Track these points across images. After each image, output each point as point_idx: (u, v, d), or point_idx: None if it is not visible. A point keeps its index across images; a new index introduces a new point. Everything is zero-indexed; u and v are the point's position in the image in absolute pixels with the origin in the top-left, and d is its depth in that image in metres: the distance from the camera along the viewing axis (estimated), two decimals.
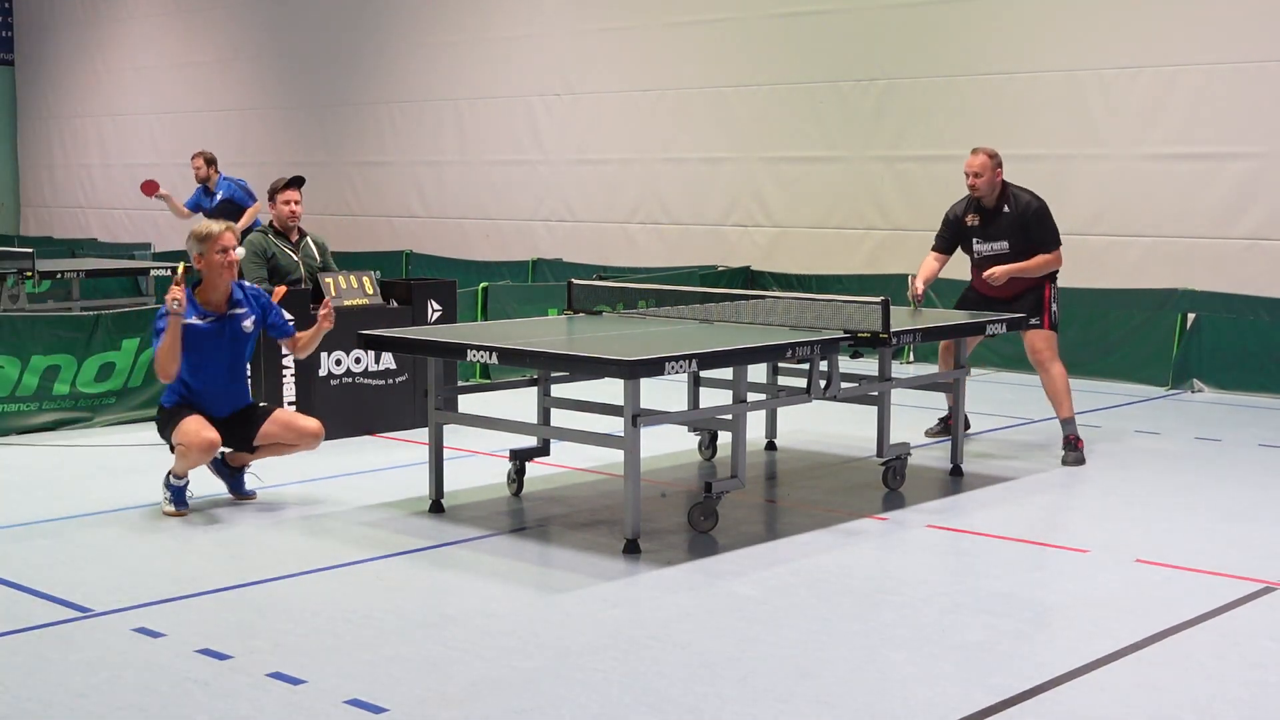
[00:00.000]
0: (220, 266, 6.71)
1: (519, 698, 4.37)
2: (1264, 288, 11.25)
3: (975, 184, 8.25)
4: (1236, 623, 5.21)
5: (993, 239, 8.31)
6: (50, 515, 6.72)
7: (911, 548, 6.29)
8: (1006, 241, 8.26)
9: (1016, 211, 8.26)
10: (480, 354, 6.28)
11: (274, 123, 19.43)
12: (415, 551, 6.11)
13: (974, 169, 8.23)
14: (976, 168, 8.23)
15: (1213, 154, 11.57)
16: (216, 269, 6.72)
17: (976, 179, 8.24)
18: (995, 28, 12.73)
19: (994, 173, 8.23)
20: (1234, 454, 8.39)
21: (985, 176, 8.22)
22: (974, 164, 8.23)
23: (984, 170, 8.21)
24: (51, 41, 23.18)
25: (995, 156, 8.26)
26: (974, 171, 8.24)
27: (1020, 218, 8.25)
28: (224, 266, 6.71)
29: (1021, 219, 8.24)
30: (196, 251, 6.74)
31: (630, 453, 6.00)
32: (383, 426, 8.90)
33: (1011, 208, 8.27)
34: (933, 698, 4.39)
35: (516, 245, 16.69)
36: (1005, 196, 8.30)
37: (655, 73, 15.22)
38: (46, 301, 12.98)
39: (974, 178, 8.24)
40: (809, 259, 14.03)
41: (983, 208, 8.34)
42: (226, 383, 6.82)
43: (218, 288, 6.76)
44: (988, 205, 8.32)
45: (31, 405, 8.75)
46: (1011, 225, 8.25)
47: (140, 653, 4.76)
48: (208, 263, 6.71)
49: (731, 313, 7.75)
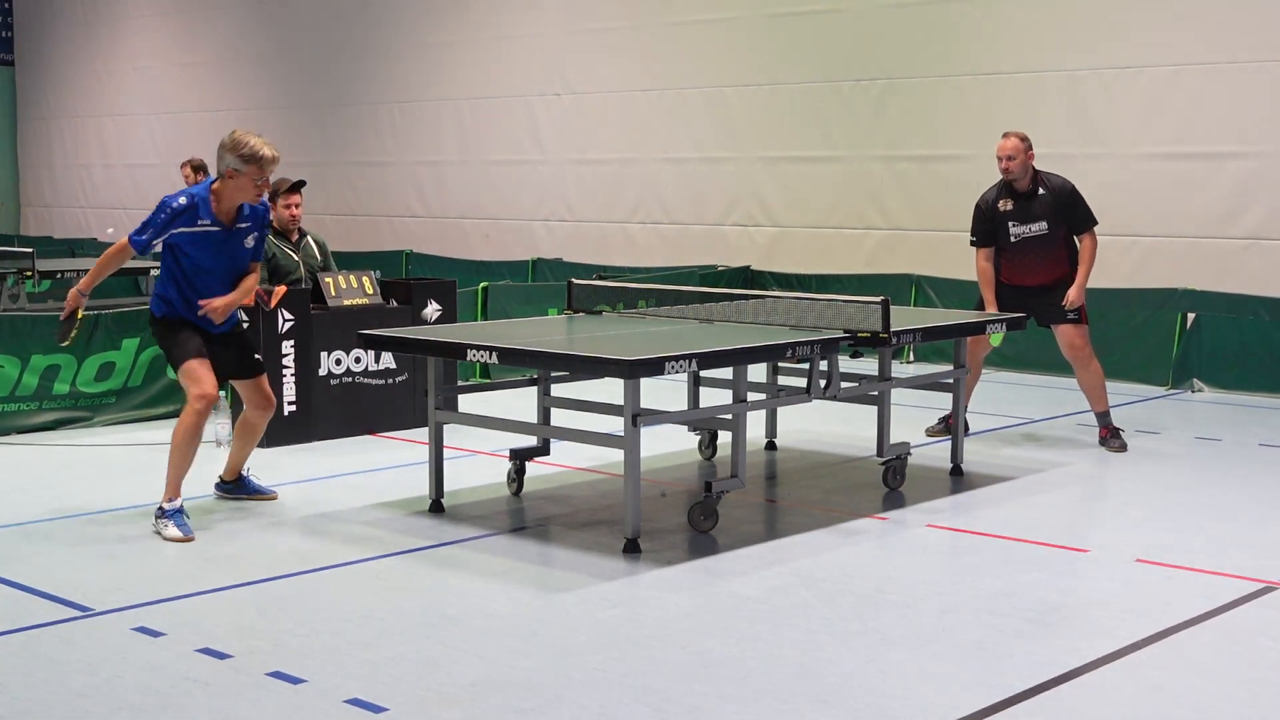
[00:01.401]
0: (250, 193, 6.35)
1: (519, 698, 4.37)
2: (1264, 287, 11.24)
3: (1009, 167, 8.35)
4: (1236, 623, 5.21)
5: (1029, 221, 8.41)
6: (50, 515, 6.72)
7: (911, 548, 6.29)
8: (1045, 222, 8.39)
9: (1051, 192, 8.40)
10: (480, 354, 6.27)
11: (273, 123, 19.41)
12: (415, 551, 6.11)
13: (1007, 152, 8.34)
14: (1009, 150, 8.34)
15: (1213, 154, 11.57)
16: (246, 192, 6.35)
17: (1010, 162, 8.35)
18: (995, 28, 12.73)
19: (1026, 155, 8.37)
20: (1234, 454, 8.39)
21: (1018, 159, 8.35)
22: (1006, 147, 8.35)
23: (1016, 153, 8.33)
24: (51, 41, 23.18)
25: (1026, 140, 8.40)
26: (1007, 154, 8.34)
27: (1056, 199, 8.39)
28: (255, 195, 6.38)
29: (1058, 200, 8.39)
30: (233, 167, 6.28)
31: (630, 452, 6.00)
32: (383, 426, 8.90)
33: (1046, 189, 8.41)
34: (933, 698, 4.39)
35: (516, 245, 16.69)
36: (1038, 179, 8.43)
37: (655, 73, 15.22)
38: (46, 301, 12.98)
39: (1007, 160, 8.35)
40: (809, 259, 14.03)
41: (1015, 192, 8.44)
42: (226, 292, 6.50)
43: (235, 202, 6.39)
44: (1020, 189, 8.42)
45: (31, 405, 8.75)
46: (1048, 206, 8.39)
47: (140, 653, 4.76)
48: (239, 183, 6.30)
49: (731, 312, 7.75)
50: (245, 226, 6.50)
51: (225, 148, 6.32)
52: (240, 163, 6.26)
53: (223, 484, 7.07)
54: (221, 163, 6.32)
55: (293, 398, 8.51)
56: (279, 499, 7.06)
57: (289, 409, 8.46)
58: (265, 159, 6.29)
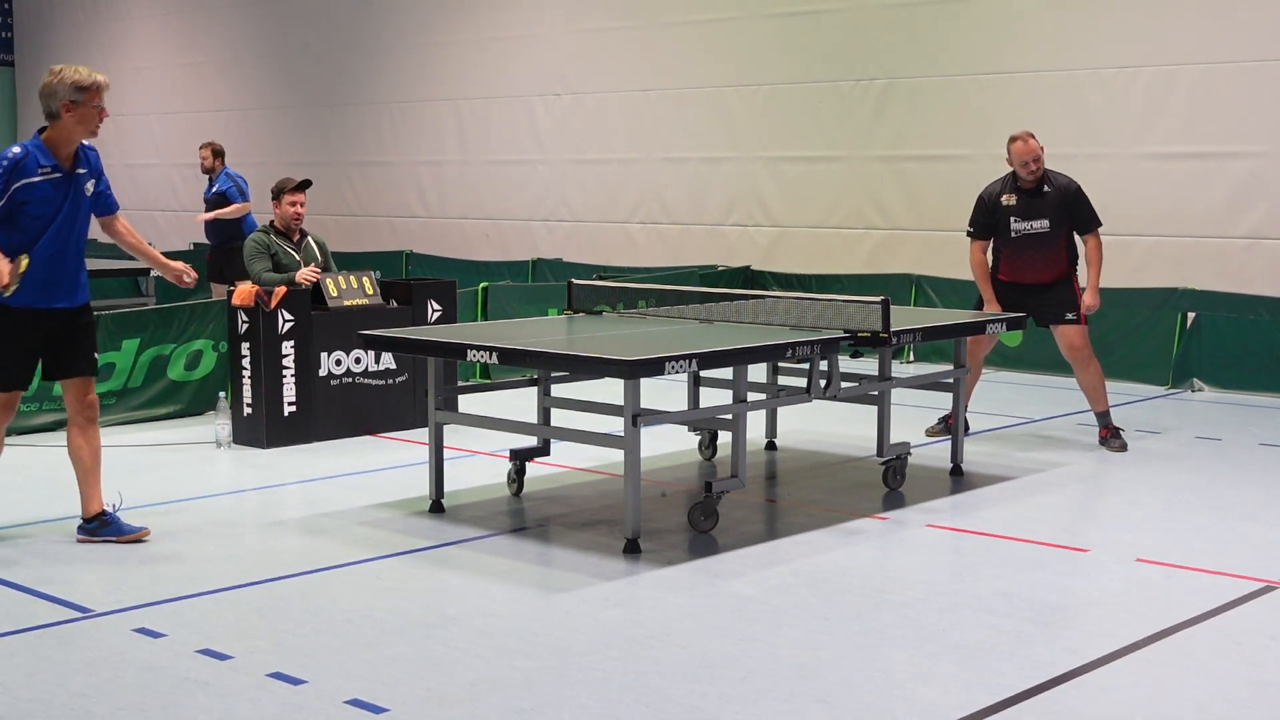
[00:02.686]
0: (94, 121, 5.94)
1: (519, 698, 4.37)
2: (1264, 287, 11.24)
3: (1036, 169, 8.39)
4: (1236, 622, 5.21)
5: (1032, 218, 8.42)
6: (50, 515, 6.71)
7: (911, 548, 6.29)
8: (1048, 219, 8.40)
9: (1057, 191, 8.42)
10: (480, 354, 6.27)
11: (274, 122, 19.43)
12: (415, 551, 6.11)
13: (1035, 154, 8.36)
14: (1037, 152, 8.37)
15: (1213, 153, 11.57)
16: (89, 122, 5.93)
17: (1037, 164, 8.38)
18: (995, 28, 12.73)
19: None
20: (1234, 454, 8.39)
21: (1041, 160, 8.38)
22: (1034, 148, 8.36)
23: (1041, 155, 8.39)
24: (51, 41, 23.17)
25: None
26: (1035, 157, 8.37)
27: (1061, 197, 8.41)
28: (97, 123, 5.95)
29: (1063, 198, 8.41)
30: (69, 99, 5.86)
31: (630, 453, 6.00)
32: (383, 426, 8.90)
33: (1051, 187, 8.43)
34: (933, 698, 4.39)
35: (516, 245, 16.69)
36: (1045, 178, 8.46)
37: (655, 73, 15.22)
38: None
39: (1034, 163, 8.38)
40: (809, 259, 14.03)
41: (1019, 188, 8.45)
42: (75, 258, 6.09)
43: (74, 141, 5.98)
44: (1026, 186, 8.43)
45: (31, 405, 8.75)
46: (1053, 204, 8.41)
47: (140, 653, 4.76)
48: (80, 114, 5.89)
49: (731, 312, 7.75)
50: (84, 173, 6.07)
51: (55, 85, 5.89)
52: (76, 92, 5.88)
53: (84, 524, 6.25)
54: (54, 101, 5.90)
55: (293, 398, 8.51)
56: (278, 499, 7.05)
57: (289, 409, 8.47)
58: (100, 83, 5.94)
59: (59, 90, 5.91)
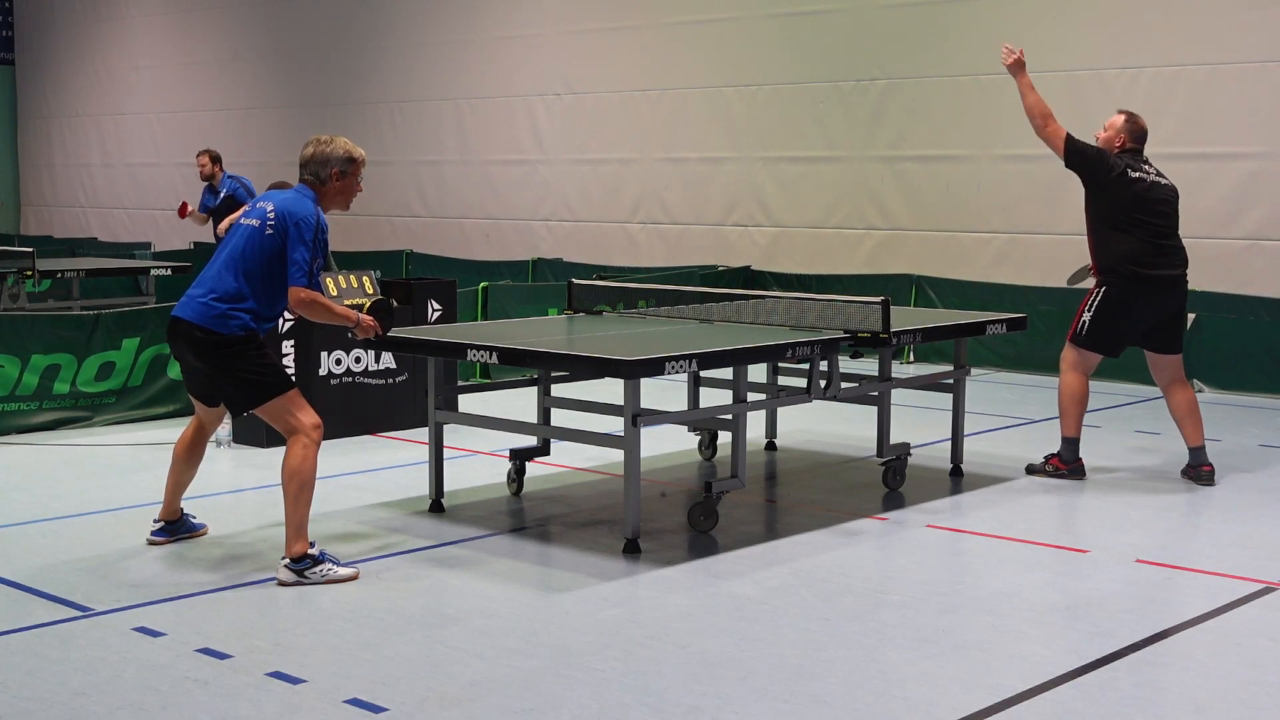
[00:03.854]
0: (352, 192, 6.05)
1: (519, 698, 4.37)
2: (1264, 288, 11.24)
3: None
4: (1236, 623, 5.21)
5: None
6: (50, 515, 6.72)
7: (911, 548, 6.29)
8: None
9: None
10: (480, 354, 6.27)
11: (274, 122, 19.42)
12: (415, 551, 6.11)
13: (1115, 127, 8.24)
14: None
15: (1213, 154, 11.57)
16: (348, 193, 6.03)
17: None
18: (995, 28, 12.71)
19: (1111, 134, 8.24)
20: (1234, 454, 8.39)
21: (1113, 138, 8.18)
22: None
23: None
24: (51, 41, 23.18)
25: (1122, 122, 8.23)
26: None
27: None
28: (354, 194, 6.07)
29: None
30: (338, 169, 5.91)
31: (630, 453, 6.00)
32: (383, 426, 8.91)
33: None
34: (933, 698, 4.39)
35: (516, 245, 16.69)
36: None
37: (655, 73, 15.22)
38: (46, 301, 12.99)
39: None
40: (809, 259, 14.03)
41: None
42: None
43: (330, 209, 6.04)
44: None
45: (31, 405, 8.75)
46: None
47: (140, 653, 4.76)
48: (345, 185, 5.97)
49: (731, 313, 7.75)
50: None
51: (330, 154, 5.94)
52: (348, 164, 5.97)
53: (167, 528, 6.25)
54: (326, 169, 5.92)
55: None
56: (278, 499, 7.03)
57: None
58: (364, 159, 6.10)
59: (333, 159, 5.92)
